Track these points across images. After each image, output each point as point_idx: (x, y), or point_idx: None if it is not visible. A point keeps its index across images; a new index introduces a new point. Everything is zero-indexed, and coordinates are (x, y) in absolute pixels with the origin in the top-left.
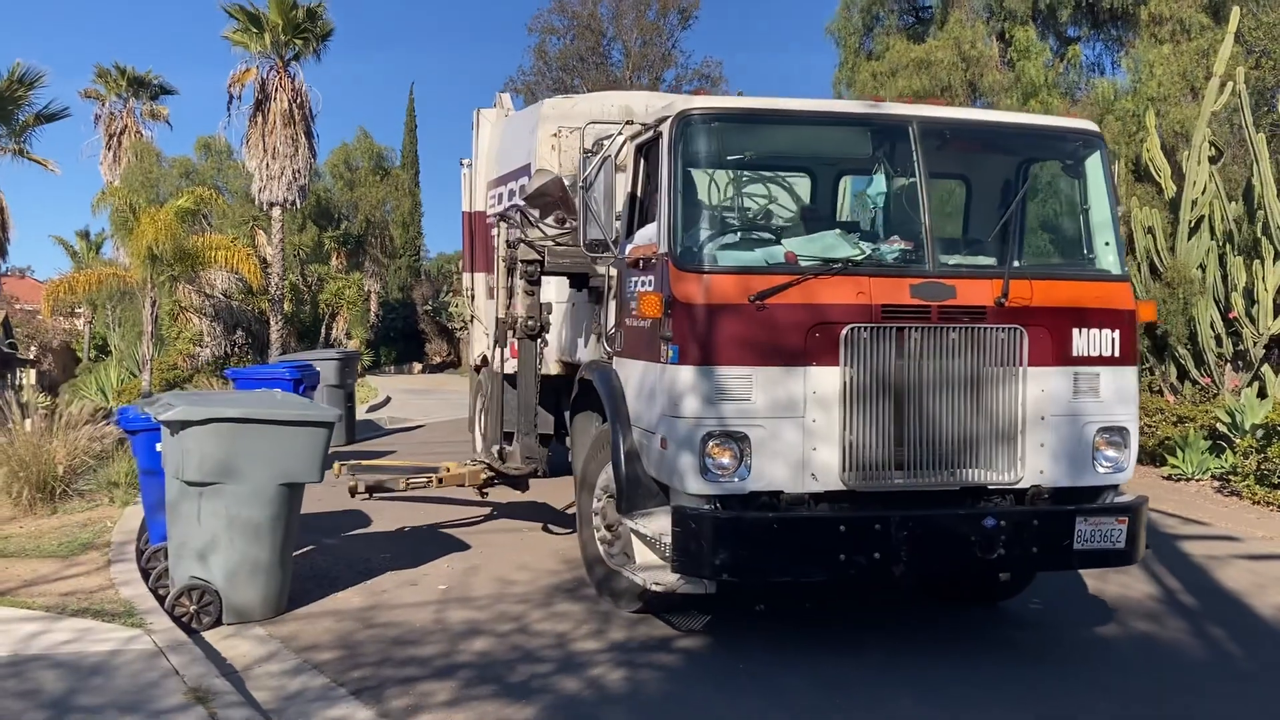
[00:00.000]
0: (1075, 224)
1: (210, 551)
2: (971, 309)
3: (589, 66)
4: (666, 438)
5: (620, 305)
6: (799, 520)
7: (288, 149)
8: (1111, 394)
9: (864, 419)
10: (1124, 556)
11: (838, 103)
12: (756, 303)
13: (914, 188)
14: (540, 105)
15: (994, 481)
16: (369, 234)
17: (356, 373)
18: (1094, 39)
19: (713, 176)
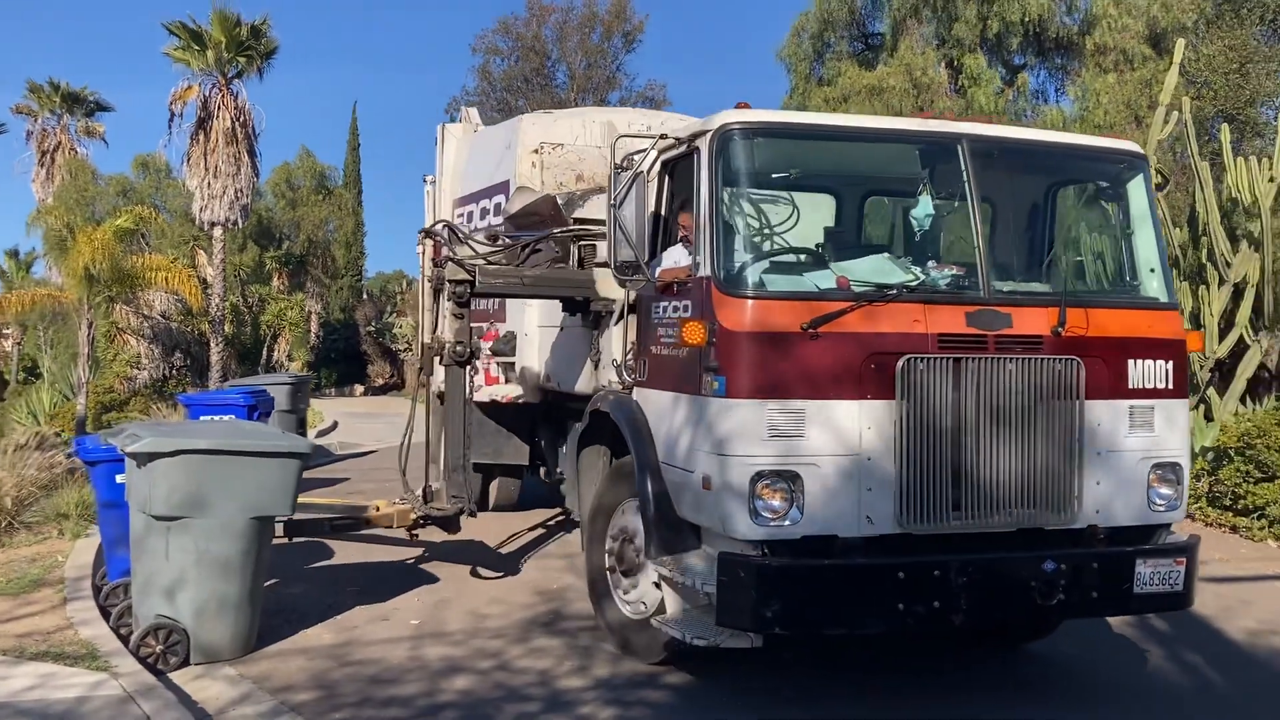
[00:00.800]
0: (1122, 249)
1: (178, 588)
2: (1028, 338)
3: (533, 87)
4: (710, 477)
5: (644, 331)
6: (858, 568)
7: (230, 168)
8: (1165, 428)
9: (920, 456)
10: (1180, 600)
11: (886, 119)
12: (810, 331)
13: (965, 208)
14: (519, 121)
15: (1051, 522)
16: (311, 254)
17: (308, 397)
18: (1040, 67)
19: (754, 195)
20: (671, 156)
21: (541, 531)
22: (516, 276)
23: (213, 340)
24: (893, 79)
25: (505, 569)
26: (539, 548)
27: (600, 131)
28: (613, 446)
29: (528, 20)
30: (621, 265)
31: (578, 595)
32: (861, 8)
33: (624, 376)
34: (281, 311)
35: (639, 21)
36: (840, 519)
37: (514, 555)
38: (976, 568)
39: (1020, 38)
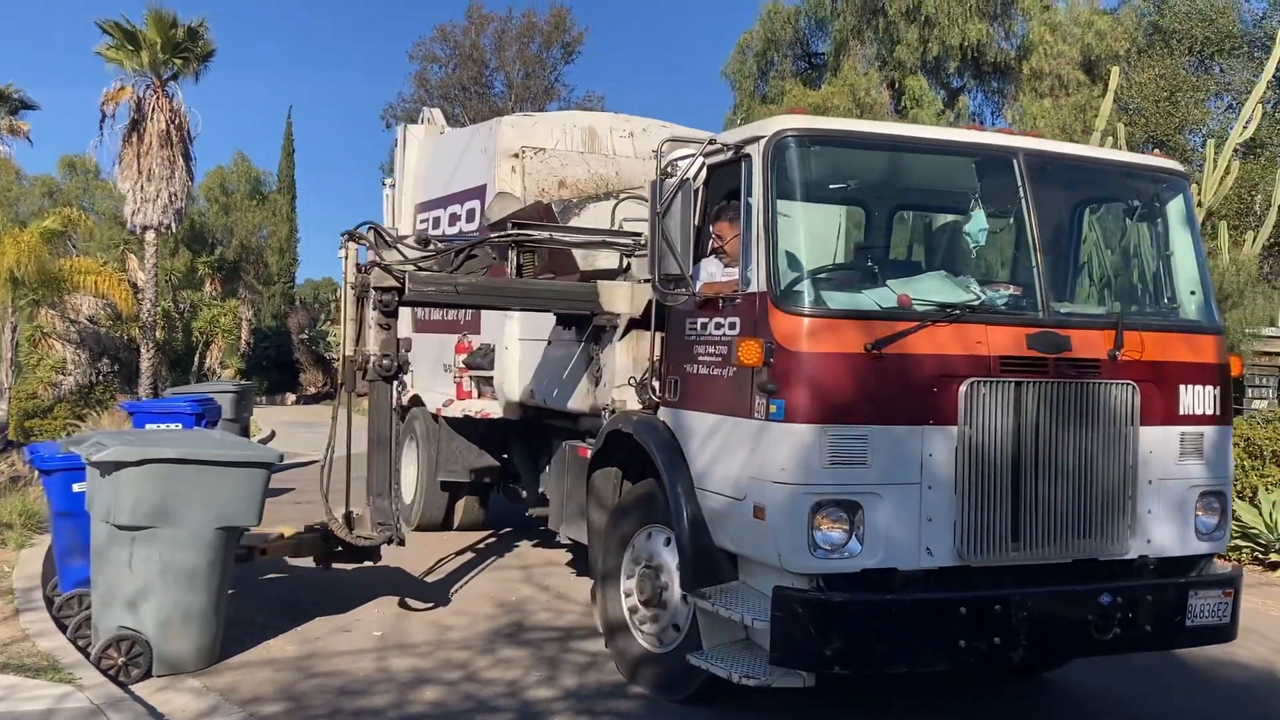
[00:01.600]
0: (1169, 270)
1: (142, 600)
2: (1086, 362)
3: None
4: (763, 506)
5: (676, 348)
6: (923, 603)
7: (164, 171)
8: (1213, 455)
9: (981, 484)
10: (1226, 633)
11: (942, 129)
12: (874, 352)
13: (1023, 225)
14: (497, 123)
15: (1106, 552)
16: (244, 260)
17: (252, 406)
18: (977, 90)
19: (809, 206)
20: (717, 163)
21: (496, 543)
22: (450, 284)
23: (143, 346)
24: (837, 98)
25: (460, 584)
26: (494, 560)
27: (581, 136)
28: (625, 469)
29: (466, 28)
30: (665, 279)
31: (538, 607)
32: (805, 28)
33: (648, 396)
34: (214, 318)
35: (578, 33)
36: (900, 551)
37: (467, 569)
38: (1037, 601)
39: (959, 61)
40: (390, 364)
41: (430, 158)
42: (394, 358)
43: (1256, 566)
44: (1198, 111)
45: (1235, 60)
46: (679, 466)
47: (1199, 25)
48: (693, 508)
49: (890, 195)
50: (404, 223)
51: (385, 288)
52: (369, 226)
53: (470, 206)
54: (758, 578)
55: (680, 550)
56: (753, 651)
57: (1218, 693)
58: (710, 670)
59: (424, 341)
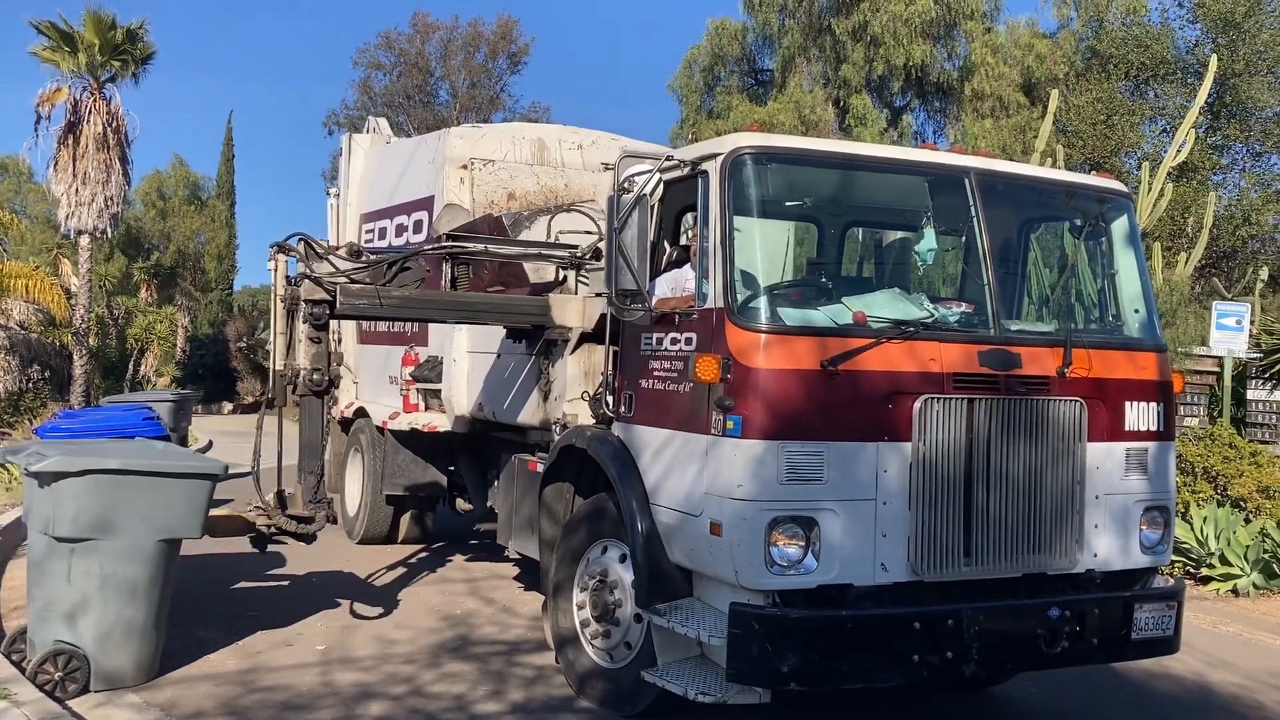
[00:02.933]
0: (1113, 288)
1: (80, 613)
2: (1035, 379)
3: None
4: (720, 522)
5: (631, 363)
6: (879, 619)
7: (100, 175)
8: (1156, 471)
9: (934, 500)
10: (1169, 645)
11: (896, 149)
12: (830, 369)
13: (974, 243)
14: (445, 134)
15: (1055, 566)
16: (181, 266)
17: (190, 416)
18: (920, 110)
19: (765, 223)
20: (674, 179)
21: (442, 557)
22: (381, 297)
23: (76, 353)
24: (783, 115)
25: (404, 597)
26: (440, 573)
27: (530, 148)
28: (577, 484)
29: (411, 36)
30: (621, 294)
31: (483, 620)
32: (752, 44)
33: (601, 410)
34: (150, 325)
35: (525, 43)
36: (855, 567)
37: (411, 582)
38: (988, 616)
39: (903, 81)
40: (321, 378)
41: (376, 168)
42: (325, 372)
43: (1188, 580)
44: (1133, 135)
45: (1169, 86)
46: (633, 482)
47: (1135, 51)
48: (647, 523)
49: (844, 212)
50: (349, 233)
51: (316, 300)
52: (299, 238)
53: (418, 218)
54: (713, 594)
55: (635, 566)
56: (707, 668)
57: (1154, 705)
58: (666, 687)
59: (369, 353)
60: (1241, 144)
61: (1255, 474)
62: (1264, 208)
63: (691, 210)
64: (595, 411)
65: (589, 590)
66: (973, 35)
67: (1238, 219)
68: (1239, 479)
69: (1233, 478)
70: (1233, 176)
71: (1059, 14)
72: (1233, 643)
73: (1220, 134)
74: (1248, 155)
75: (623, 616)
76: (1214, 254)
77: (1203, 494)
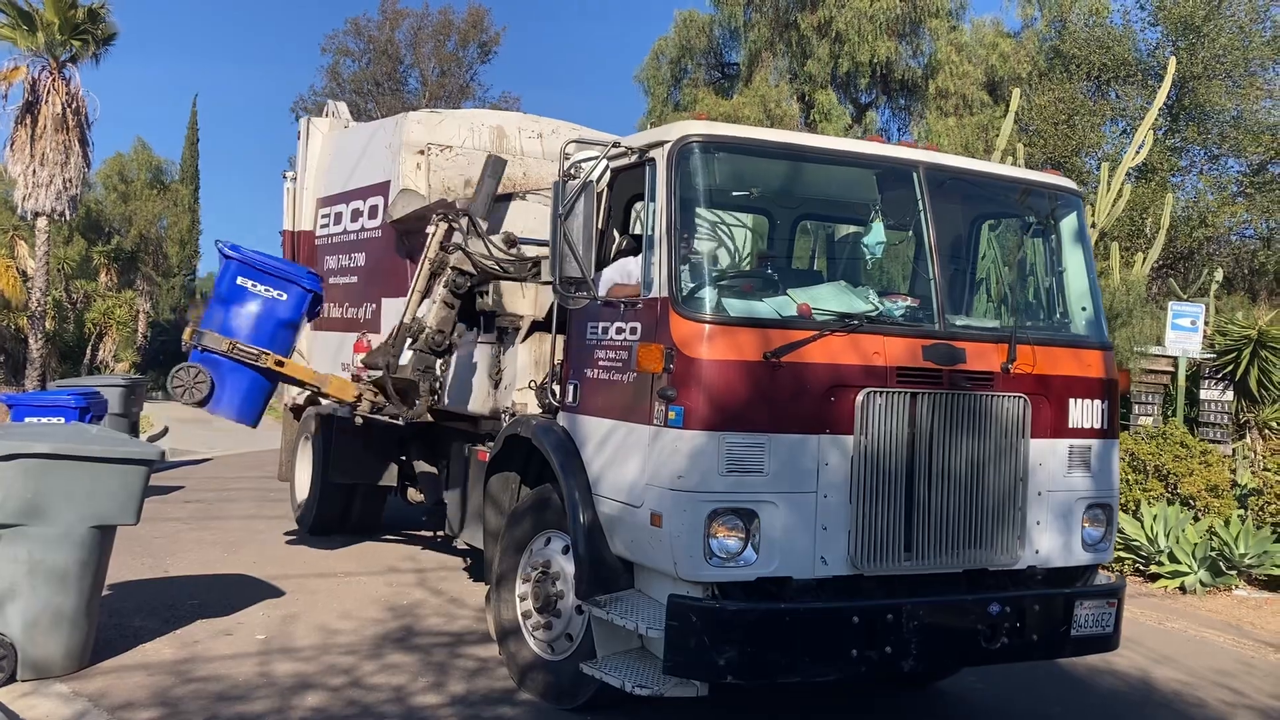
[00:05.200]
0: (1060, 286)
1: (7, 600)
2: (979, 375)
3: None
4: (660, 513)
5: (577, 352)
6: (818, 612)
7: (59, 156)
8: (1099, 468)
9: (875, 494)
10: (1109, 642)
11: (846, 140)
12: (772, 361)
13: (922, 238)
14: (403, 118)
15: (996, 562)
16: (143, 250)
17: (142, 401)
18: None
19: (712, 212)
20: (621, 166)
21: (390, 546)
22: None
23: (32, 337)
24: (748, 109)
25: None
26: (387, 563)
27: (489, 136)
28: (524, 474)
29: (380, 23)
30: (565, 281)
31: (429, 611)
32: (719, 37)
33: (547, 400)
34: (109, 309)
35: (496, 33)
36: (795, 560)
37: (359, 572)
38: (928, 611)
39: (868, 78)
40: (442, 340)
41: (334, 152)
42: (447, 335)
43: (1137, 578)
44: (1094, 135)
45: (1130, 87)
46: (576, 472)
47: (1096, 52)
48: (589, 514)
49: (792, 204)
50: (305, 217)
51: (464, 271)
52: (465, 215)
53: (373, 203)
54: (653, 586)
55: (576, 558)
56: (646, 661)
57: (1096, 701)
58: (603, 679)
59: (321, 339)
60: (1199, 146)
61: (1205, 473)
62: (1220, 210)
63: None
64: (541, 401)
65: (531, 581)
66: (938, 33)
67: (1194, 221)
68: (1189, 477)
69: (1183, 476)
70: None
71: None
72: (1178, 639)
73: (1179, 136)
74: (1205, 158)
75: (564, 608)
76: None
77: (1153, 492)
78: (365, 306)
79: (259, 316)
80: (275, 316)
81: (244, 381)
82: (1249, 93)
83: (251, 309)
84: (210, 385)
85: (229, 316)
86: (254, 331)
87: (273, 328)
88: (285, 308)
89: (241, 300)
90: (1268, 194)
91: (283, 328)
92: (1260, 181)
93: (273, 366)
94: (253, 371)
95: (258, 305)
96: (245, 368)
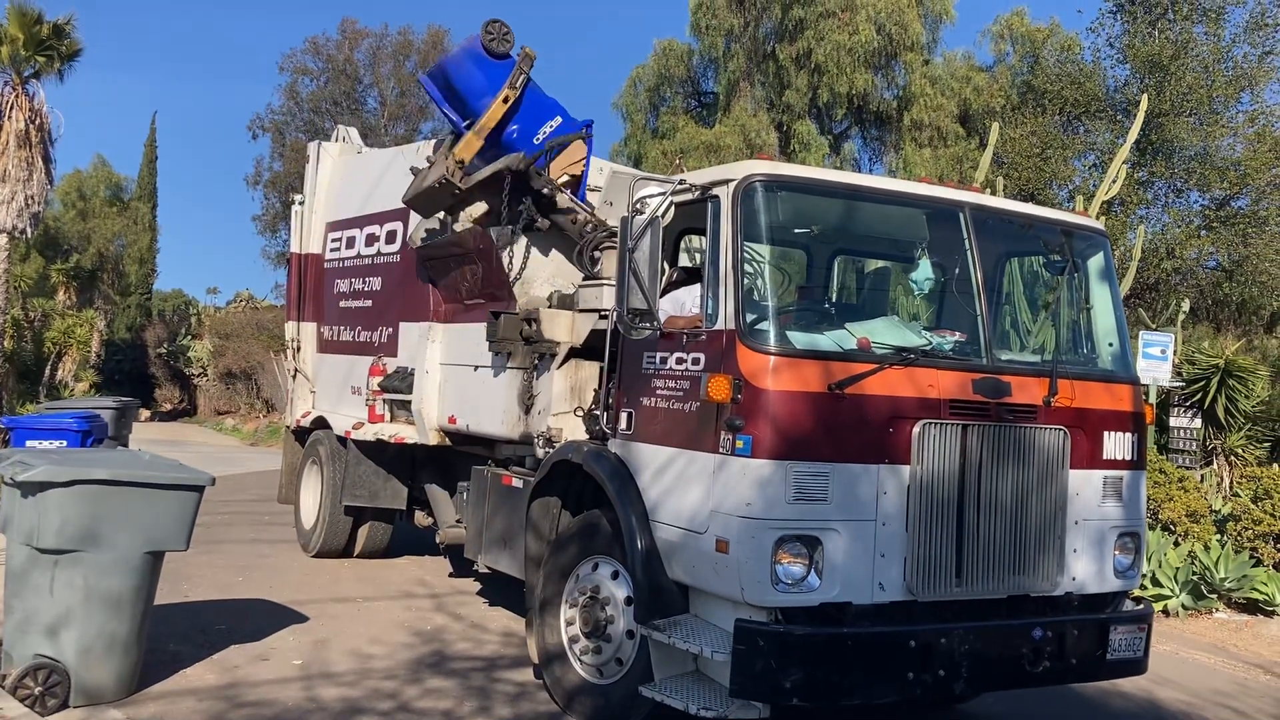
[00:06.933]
0: (1090, 322)
1: (63, 626)
2: (1024, 408)
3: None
4: (726, 540)
5: (633, 381)
6: (878, 637)
7: (21, 172)
8: (1130, 498)
9: (930, 522)
10: (1139, 666)
11: (898, 181)
12: (836, 392)
13: (968, 275)
14: (424, 146)
15: (1038, 589)
16: (102, 268)
17: (133, 424)
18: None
19: (773, 248)
20: (684, 202)
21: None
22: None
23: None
24: (729, 138)
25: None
26: (404, 588)
27: None
28: (565, 499)
29: (339, 42)
30: (633, 313)
31: (455, 636)
32: (697, 66)
33: (597, 427)
34: (69, 328)
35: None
36: (855, 586)
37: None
38: (978, 636)
39: (845, 109)
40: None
41: (344, 176)
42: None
43: None
44: (1065, 168)
45: (1100, 122)
46: (632, 499)
47: (1068, 87)
48: (647, 540)
49: (847, 240)
50: (314, 240)
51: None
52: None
53: (391, 228)
54: (711, 610)
55: (634, 583)
56: (704, 683)
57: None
58: (665, 702)
59: (329, 363)
60: (1165, 180)
61: (1184, 498)
62: (1185, 242)
63: (690, 233)
64: (590, 428)
65: (579, 607)
66: (912, 66)
67: (1161, 252)
68: (1169, 503)
69: (1163, 502)
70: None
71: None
72: (1171, 661)
73: (1146, 170)
74: (1170, 191)
75: (614, 633)
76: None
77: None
78: (381, 330)
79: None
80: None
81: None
82: (1213, 130)
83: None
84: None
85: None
86: None
87: None
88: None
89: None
90: (1231, 227)
91: None
92: (1224, 215)
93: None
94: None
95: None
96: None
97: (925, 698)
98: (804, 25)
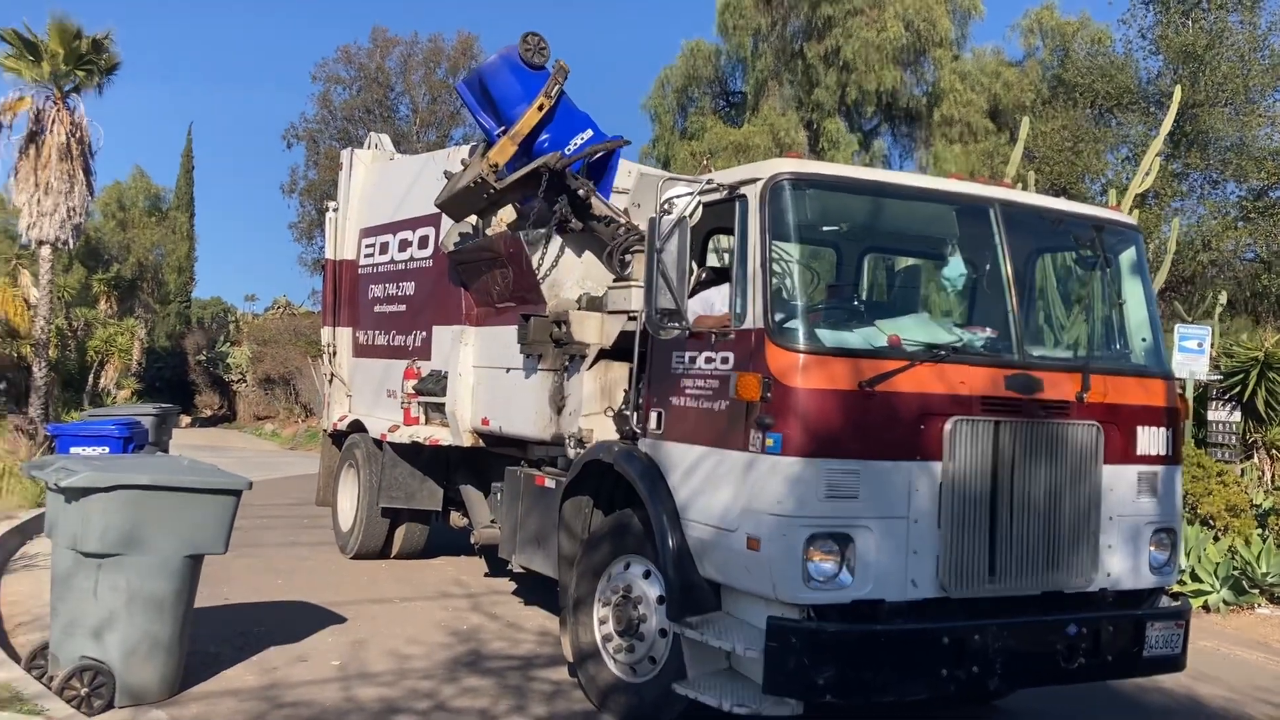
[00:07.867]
0: (1122, 317)
1: (107, 629)
2: (1056, 404)
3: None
4: (758, 537)
5: (662, 381)
6: (912, 633)
7: (63, 185)
8: (1165, 493)
9: (962, 518)
10: (1177, 663)
11: (926, 178)
12: (866, 389)
13: (999, 271)
14: (455, 152)
15: (1072, 585)
16: (142, 277)
17: (172, 430)
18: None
19: (802, 247)
20: (712, 202)
21: (439, 571)
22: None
23: (36, 365)
24: (757, 138)
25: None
26: (440, 588)
27: None
28: (597, 499)
29: (371, 51)
30: (662, 313)
31: (491, 635)
32: (725, 67)
33: (627, 426)
34: (111, 337)
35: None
36: (887, 582)
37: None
38: (1012, 632)
39: (874, 106)
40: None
41: (376, 183)
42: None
43: None
44: (1098, 162)
45: (1132, 114)
46: (663, 498)
47: (1099, 80)
48: (678, 538)
49: (875, 237)
50: (348, 246)
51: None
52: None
53: (423, 233)
54: (743, 608)
55: (666, 581)
56: (737, 681)
57: (1150, 715)
58: (699, 699)
59: (364, 367)
60: (1200, 172)
61: (1223, 493)
62: (1222, 234)
63: (718, 232)
64: (621, 428)
65: (612, 605)
66: (941, 62)
67: (1197, 245)
68: (1208, 498)
69: (1201, 496)
70: (1190, 203)
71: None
72: (1211, 657)
73: (1180, 162)
74: (1205, 183)
75: (647, 631)
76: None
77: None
78: (415, 334)
79: None
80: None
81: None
82: (1249, 119)
83: None
84: None
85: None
86: None
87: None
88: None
89: None
90: (1269, 218)
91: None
92: (1262, 206)
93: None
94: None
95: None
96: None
97: (959, 695)
98: (832, 23)
